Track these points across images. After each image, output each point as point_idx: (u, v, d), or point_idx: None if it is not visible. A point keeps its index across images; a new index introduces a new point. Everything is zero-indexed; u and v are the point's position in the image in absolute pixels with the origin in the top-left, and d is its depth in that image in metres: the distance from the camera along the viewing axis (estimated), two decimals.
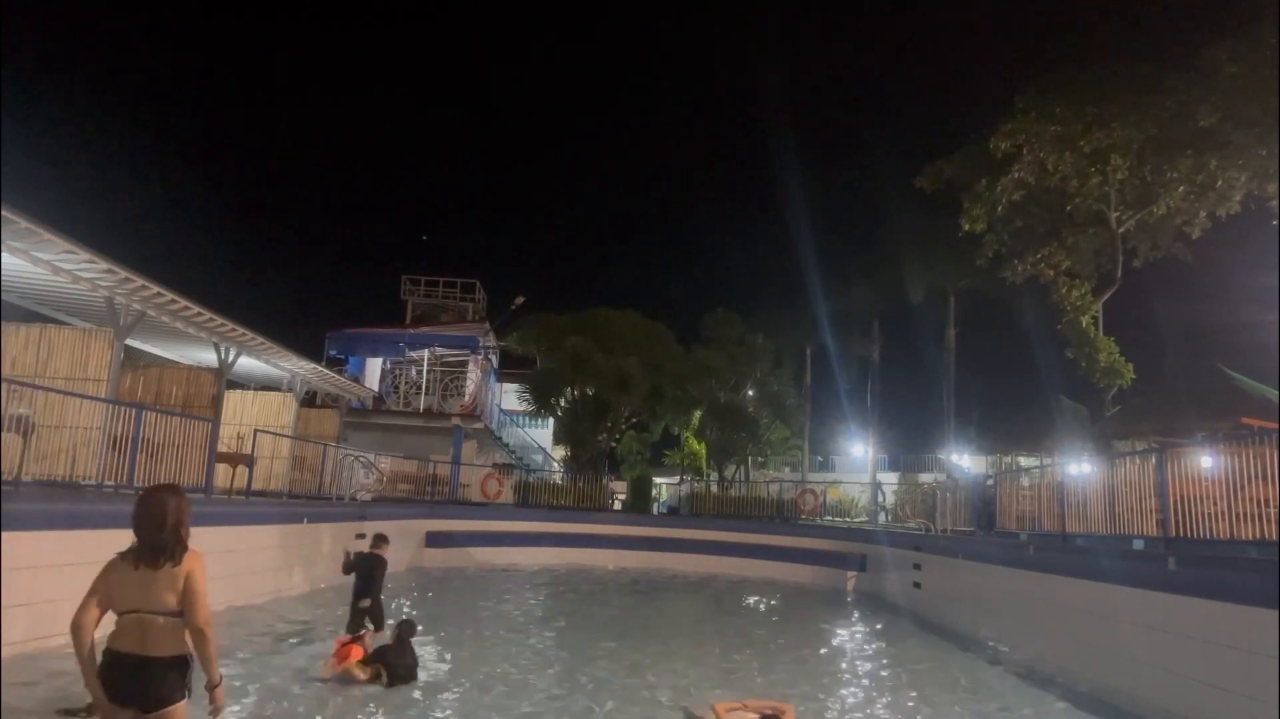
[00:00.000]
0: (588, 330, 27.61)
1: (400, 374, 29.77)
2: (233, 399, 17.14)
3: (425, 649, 9.31)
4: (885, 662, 10.78)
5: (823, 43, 72.30)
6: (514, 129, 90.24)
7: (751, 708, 7.06)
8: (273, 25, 74.57)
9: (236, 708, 6.87)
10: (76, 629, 3.37)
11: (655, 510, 28.07)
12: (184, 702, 3.46)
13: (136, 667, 3.37)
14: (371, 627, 9.57)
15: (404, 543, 19.30)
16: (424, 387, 29.35)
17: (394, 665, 7.92)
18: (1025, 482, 14.80)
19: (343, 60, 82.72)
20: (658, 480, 32.47)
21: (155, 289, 11.52)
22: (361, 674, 7.85)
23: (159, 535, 3.45)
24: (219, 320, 13.28)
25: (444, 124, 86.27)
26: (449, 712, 7.28)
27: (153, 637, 3.38)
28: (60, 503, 9.13)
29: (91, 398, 10.80)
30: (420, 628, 9.15)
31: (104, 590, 3.45)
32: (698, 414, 30.00)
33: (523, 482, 25.78)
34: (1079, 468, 13.60)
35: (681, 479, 31.18)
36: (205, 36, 68.24)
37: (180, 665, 3.45)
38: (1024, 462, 21.19)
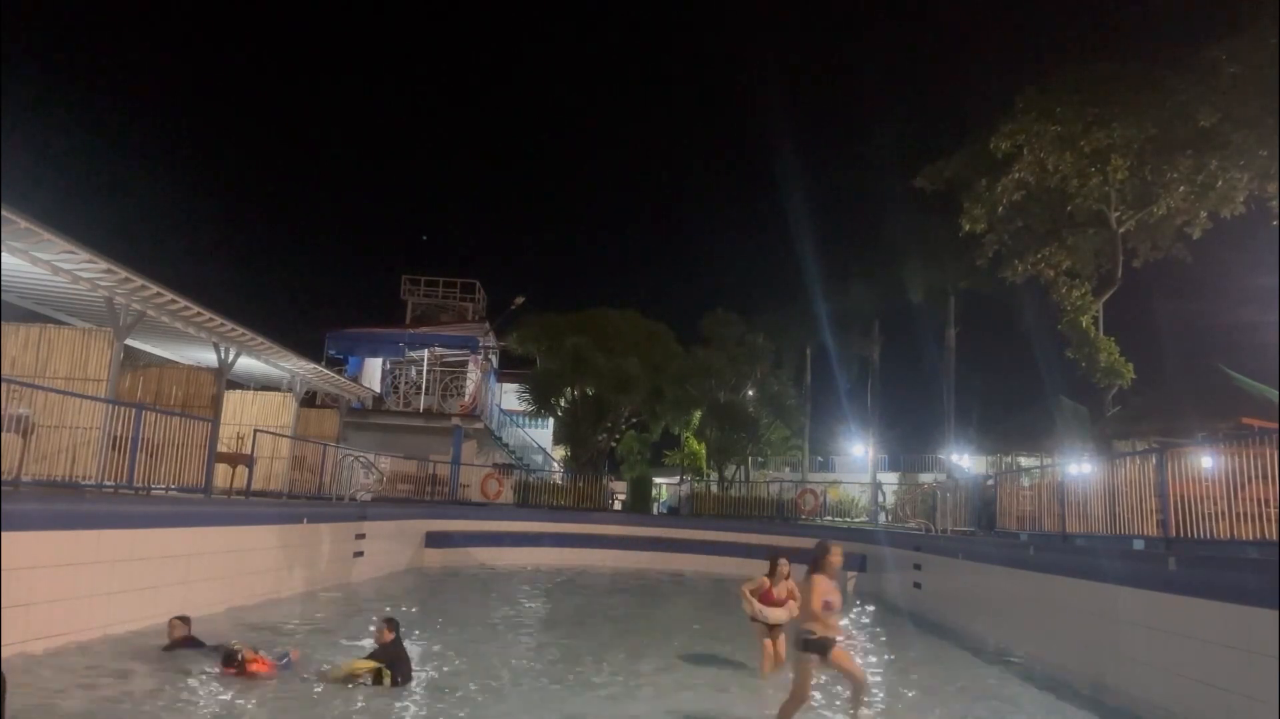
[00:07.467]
0: (588, 330, 27.58)
1: (400, 374, 29.76)
2: (232, 399, 17.13)
3: (430, 649, 9.30)
4: (885, 662, 10.77)
5: (823, 42, 72.32)
6: (514, 128, 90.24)
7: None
8: (272, 26, 74.61)
9: (235, 709, 6.87)
10: None
11: (655, 511, 28.04)
12: None
13: None
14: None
15: (404, 543, 19.31)
16: (424, 387, 29.35)
17: (396, 667, 7.92)
18: (1025, 482, 14.78)
19: (342, 59, 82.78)
20: (658, 480, 32.47)
21: (155, 289, 11.50)
22: (364, 675, 7.85)
23: None
24: (219, 320, 13.26)
25: (444, 123, 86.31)
26: (454, 712, 7.26)
27: None
28: (60, 503, 9.13)
29: (91, 398, 10.78)
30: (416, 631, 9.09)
31: None
32: (698, 414, 29.97)
33: (523, 482, 25.76)
34: (1079, 468, 13.59)
35: (681, 479, 31.17)
36: (204, 36, 68.26)
37: None
38: (1024, 462, 21.17)
